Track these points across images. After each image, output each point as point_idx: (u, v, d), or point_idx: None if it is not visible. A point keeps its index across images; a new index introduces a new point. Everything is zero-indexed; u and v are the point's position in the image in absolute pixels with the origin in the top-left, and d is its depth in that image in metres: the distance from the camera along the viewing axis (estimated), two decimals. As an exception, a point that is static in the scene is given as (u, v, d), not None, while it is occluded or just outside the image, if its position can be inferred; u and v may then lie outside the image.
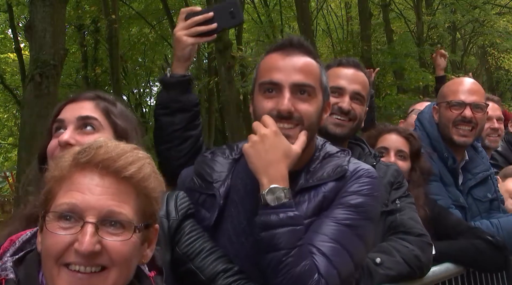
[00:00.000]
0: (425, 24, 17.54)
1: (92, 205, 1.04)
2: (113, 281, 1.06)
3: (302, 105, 1.56)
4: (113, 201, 1.06)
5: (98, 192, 1.06)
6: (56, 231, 1.04)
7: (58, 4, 6.97)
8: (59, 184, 1.09)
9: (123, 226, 1.07)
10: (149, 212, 1.13)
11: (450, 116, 2.61)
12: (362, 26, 15.83)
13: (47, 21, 6.74)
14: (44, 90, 6.57)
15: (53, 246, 1.03)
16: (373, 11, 17.97)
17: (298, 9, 13.05)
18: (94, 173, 1.07)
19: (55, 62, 6.68)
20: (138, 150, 1.14)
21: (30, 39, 7.17)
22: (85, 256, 1.02)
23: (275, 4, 19.27)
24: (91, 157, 1.07)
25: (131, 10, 17.36)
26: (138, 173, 1.09)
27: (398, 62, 15.01)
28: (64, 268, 1.03)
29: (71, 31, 16.11)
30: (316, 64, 1.63)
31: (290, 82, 1.55)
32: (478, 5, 17.01)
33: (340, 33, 21.74)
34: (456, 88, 2.68)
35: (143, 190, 1.11)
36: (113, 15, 12.52)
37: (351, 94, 2.14)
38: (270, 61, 1.62)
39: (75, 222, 1.04)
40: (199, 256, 1.53)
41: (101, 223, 1.05)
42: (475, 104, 2.60)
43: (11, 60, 17.93)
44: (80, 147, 1.12)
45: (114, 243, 1.05)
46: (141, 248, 1.14)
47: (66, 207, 1.05)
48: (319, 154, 1.65)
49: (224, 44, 9.43)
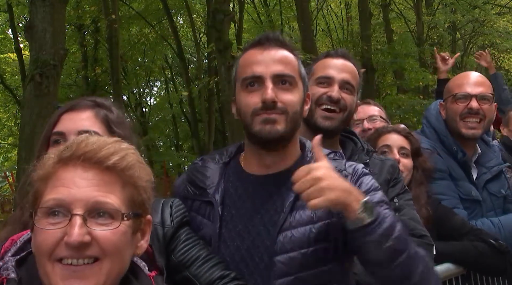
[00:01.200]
0: (425, 24, 17.55)
1: (78, 197, 1.05)
2: (107, 271, 1.06)
3: (285, 95, 1.57)
4: (98, 192, 1.06)
5: (83, 185, 1.06)
6: (45, 227, 1.04)
7: (58, 4, 6.98)
8: (45, 182, 1.09)
9: (111, 216, 1.07)
10: (138, 201, 1.13)
11: (457, 109, 2.59)
12: (362, 26, 15.83)
13: (47, 21, 6.76)
14: (44, 90, 6.58)
15: (44, 242, 1.04)
16: (373, 11, 17.97)
17: (298, 9, 13.05)
18: (77, 167, 1.08)
19: (55, 62, 6.69)
20: (121, 142, 1.14)
21: (30, 39, 7.18)
22: (75, 248, 1.02)
23: (275, 4, 19.29)
24: (73, 151, 1.08)
25: (131, 10, 17.37)
26: (120, 161, 1.09)
27: (398, 62, 15.02)
28: (58, 263, 1.04)
29: (71, 31, 16.12)
30: (294, 56, 1.65)
31: (270, 73, 1.57)
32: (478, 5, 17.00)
33: (340, 33, 21.75)
34: (461, 81, 2.67)
35: (128, 179, 1.11)
36: (113, 15, 12.51)
37: (340, 83, 2.07)
38: (249, 56, 1.63)
39: (63, 217, 1.05)
40: (195, 263, 1.52)
41: (89, 214, 1.05)
42: (481, 95, 2.58)
43: (11, 60, 17.94)
44: (63, 145, 1.13)
45: (104, 233, 1.05)
46: (134, 238, 1.14)
47: (53, 202, 1.05)
48: (311, 154, 1.62)
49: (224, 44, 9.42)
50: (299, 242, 1.49)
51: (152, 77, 22.21)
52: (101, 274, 1.05)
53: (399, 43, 17.63)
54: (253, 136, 1.59)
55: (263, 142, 1.59)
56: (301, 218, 1.52)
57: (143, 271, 1.20)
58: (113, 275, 1.08)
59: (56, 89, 7.00)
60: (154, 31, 18.28)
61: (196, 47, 17.79)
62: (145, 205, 1.16)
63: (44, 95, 6.59)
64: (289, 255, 1.48)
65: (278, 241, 1.49)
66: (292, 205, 1.53)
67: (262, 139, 1.57)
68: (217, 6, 9.96)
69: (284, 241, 1.49)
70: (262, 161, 1.63)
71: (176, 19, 18.38)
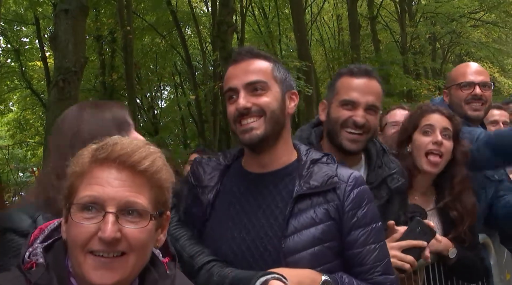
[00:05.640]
0: (409, 35, 17.55)
1: (112, 196, 1.05)
2: (132, 264, 1.07)
3: (259, 99, 1.57)
4: (130, 192, 1.06)
5: (116, 185, 1.06)
6: (80, 221, 1.05)
7: (79, 17, 6.98)
8: (80, 179, 1.09)
9: (140, 215, 1.07)
10: (162, 200, 1.14)
11: (462, 95, 2.60)
12: (352, 37, 15.83)
13: (70, 33, 6.75)
14: (66, 94, 6.57)
15: (79, 236, 1.04)
16: (362, 23, 17.95)
17: (294, 21, 13.03)
18: (112, 168, 1.07)
19: (76, 69, 6.68)
20: (149, 145, 1.15)
21: (54, 49, 7.18)
22: (107, 243, 1.03)
23: (273, 16, 19.27)
24: (108, 153, 1.08)
25: (144, 22, 17.34)
26: (151, 166, 1.09)
27: (384, 69, 14.98)
28: (90, 254, 1.04)
29: (90, 41, 16.09)
30: (266, 62, 1.64)
31: (242, 84, 1.58)
32: (455, 18, 17.05)
33: (332, 42, 21.71)
34: (464, 70, 2.68)
35: (156, 181, 1.11)
36: (128, 27, 12.50)
37: (365, 106, 1.89)
38: (228, 72, 1.66)
39: (96, 213, 1.05)
40: (182, 238, 1.61)
41: (120, 212, 1.05)
42: (483, 82, 2.60)
43: (38, 67, 17.93)
44: (96, 144, 1.12)
45: (133, 231, 1.06)
46: (156, 234, 1.14)
47: (88, 199, 1.05)
48: (306, 159, 1.62)
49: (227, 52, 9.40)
50: (306, 243, 1.49)
51: (162, 82, 22.14)
52: (127, 267, 1.06)
53: (385, 52, 17.67)
54: (241, 143, 1.62)
55: (250, 147, 1.61)
56: (304, 221, 1.51)
57: (158, 259, 1.21)
58: (137, 268, 1.09)
59: (77, 93, 6.99)
60: (164, 41, 18.24)
61: (202, 55, 17.74)
62: (167, 203, 1.17)
63: (66, 99, 6.58)
64: (298, 256, 1.49)
65: (286, 245, 1.49)
66: (292, 209, 1.52)
67: (247, 145, 1.60)
68: (222, 18, 9.96)
69: (291, 244, 1.49)
70: (258, 161, 1.63)
71: (184, 30, 18.35)
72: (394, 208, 1.96)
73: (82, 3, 7.00)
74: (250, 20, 19.56)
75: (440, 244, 2.05)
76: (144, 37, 18.08)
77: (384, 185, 1.95)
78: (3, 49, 16.99)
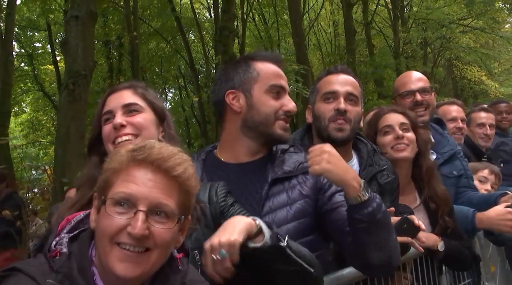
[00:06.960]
0: (401, 40, 17.57)
1: (145, 196, 1.06)
2: (154, 261, 1.08)
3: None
4: (162, 195, 1.07)
5: (150, 186, 1.07)
6: (112, 214, 1.06)
7: (88, 23, 7.01)
8: (116, 175, 1.10)
9: (167, 216, 1.08)
10: (188, 205, 1.15)
11: (405, 104, 2.64)
12: (348, 41, 15.87)
13: (79, 38, 6.78)
14: (76, 96, 6.59)
15: (109, 227, 1.06)
16: (357, 28, 17.96)
17: (292, 26, 13.07)
18: (148, 169, 1.08)
19: (86, 72, 6.71)
20: (182, 152, 1.16)
21: (65, 53, 7.21)
22: (136, 239, 1.04)
23: (273, 22, 19.29)
24: (146, 155, 1.09)
25: (149, 28, 17.35)
26: (184, 173, 1.10)
27: (378, 72, 15.05)
28: (116, 246, 1.05)
29: (99, 46, 16.09)
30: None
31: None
32: (445, 25, 17.07)
33: (329, 47, 21.74)
34: (404, 80, 2.74)
35: (186, 187, 1.12)
36: (135, 32, 12.54)
37: (345, 95, 1.95)
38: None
39: (128, 209, 1.06)
40: None
41: (150, 212, 1.07)
42: (422, 89, 2.64)
43: (49, 71, 17.98)
44: (134, 145, 1.14)
45: (160, 230, 1.07)
46: (177, 235, 1.16)
47: (123, 195, 1.07)
48: (276, 149, 1.69)
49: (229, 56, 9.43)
50: (280, 221, 1.54)
51: (167, 85, 22.18)
52: (149, 262, 1.07)
53: (379, 56, 17.68)
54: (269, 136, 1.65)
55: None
56: (278, 203, 1.57)
57: (172, 254, 1.21)
58: (158, 264, 1.11)
59: (87, 95, 7.01)
60: (169, 45, 18.26)
61: (205, 59, 17.74)
62: (191, 208, 1.18)
63: (76, 101, 6.61)
64: None
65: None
66: (267, 193, 1.58)
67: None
68: (223, 24, 10.00)
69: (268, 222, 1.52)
70: (235, 155, 1.67)
71: (188, 35, 18.35)
72: (385, 204, 1.97)
73: (91, 10, 7.03)
74: (250, 25, 19.57)
75: (430, 240, 2.08)
76: (150, 42, 18.10)
77: (374, 181, 1.96)
78: (17, 54, 17.00)
